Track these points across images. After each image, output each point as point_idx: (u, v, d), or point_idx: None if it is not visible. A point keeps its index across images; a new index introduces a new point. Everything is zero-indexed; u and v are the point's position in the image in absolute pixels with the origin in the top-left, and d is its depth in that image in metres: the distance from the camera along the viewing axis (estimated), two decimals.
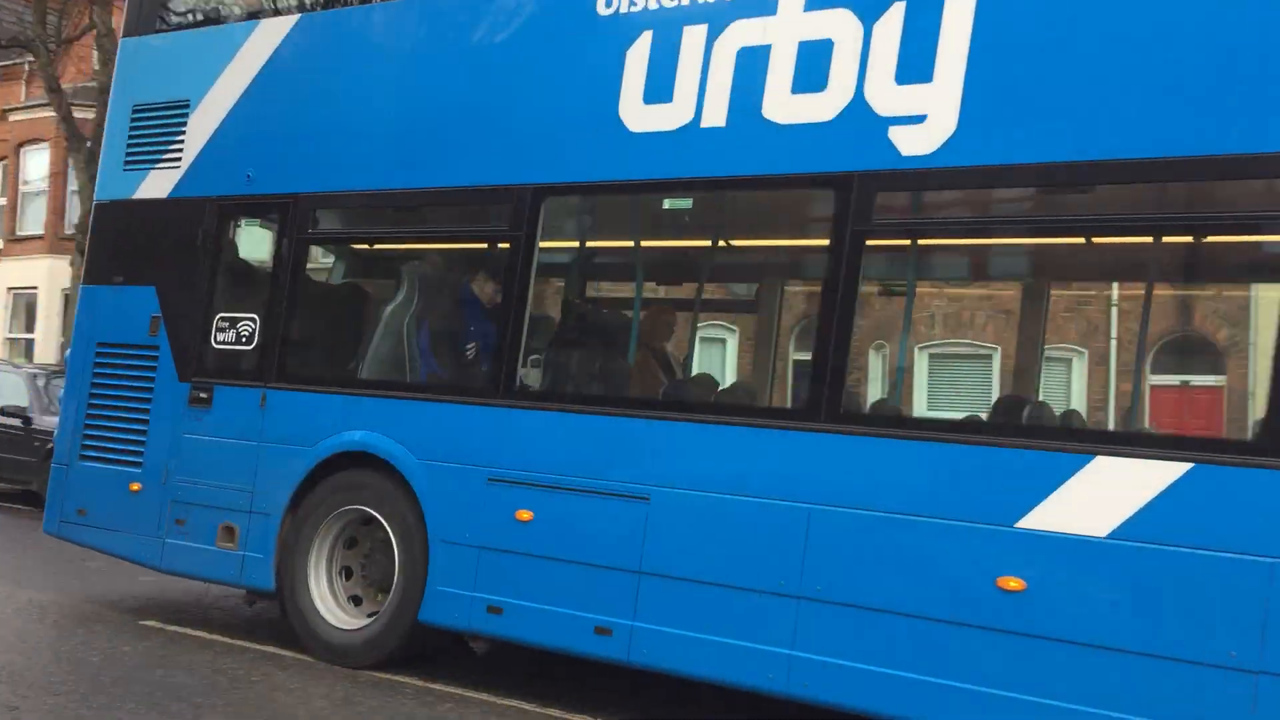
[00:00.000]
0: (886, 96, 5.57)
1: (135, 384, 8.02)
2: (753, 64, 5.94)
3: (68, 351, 8.63)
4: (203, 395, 7.67)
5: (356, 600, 7.21)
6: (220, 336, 7.68)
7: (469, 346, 7.03)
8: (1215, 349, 9.04)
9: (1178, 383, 9.22)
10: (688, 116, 6.10)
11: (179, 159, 8.02)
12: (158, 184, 8.11)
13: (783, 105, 5.83)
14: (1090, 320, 7.48)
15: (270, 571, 7.24)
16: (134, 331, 8.07)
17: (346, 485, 7.07)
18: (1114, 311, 7.71)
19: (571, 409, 6.39)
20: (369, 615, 6.98)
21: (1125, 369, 7.25)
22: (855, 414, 5.69)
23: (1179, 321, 8.31)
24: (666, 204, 6.30)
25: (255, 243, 7.97)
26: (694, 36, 6.13)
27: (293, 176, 7.49)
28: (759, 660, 5.63)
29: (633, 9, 6.33)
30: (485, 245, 7.21)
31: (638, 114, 6.25)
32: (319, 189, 7.39)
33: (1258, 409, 4.98)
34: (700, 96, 6.06)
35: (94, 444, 8.17)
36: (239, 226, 7.97)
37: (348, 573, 7.25)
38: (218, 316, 7.71)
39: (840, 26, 5.72)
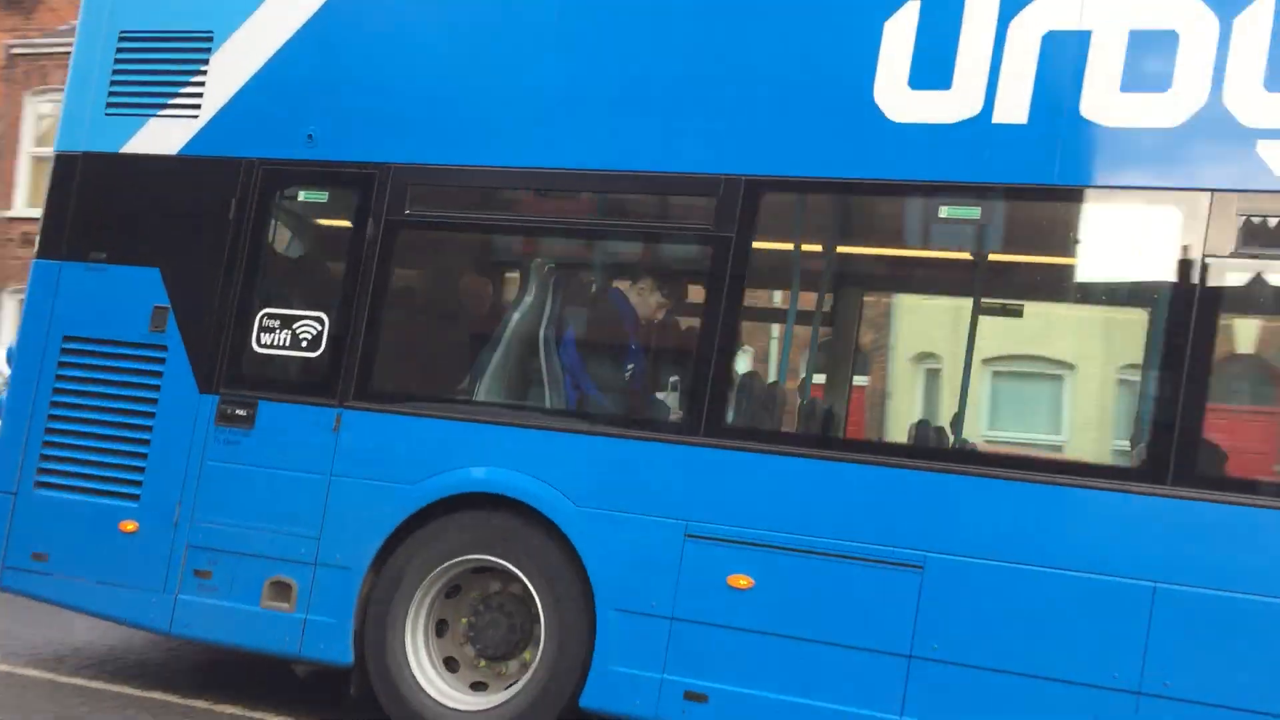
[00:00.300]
0: (1253, 105, 4.75)
1: (127, 393, 6.20)
2: (1065, 52, 4.99)
3: (11, 345, 6.64)
4: (240, 413, 5.98)
5: (453, 665, 5.79)
6: (267, 339, 6.01)
7: (630, 367, 5.74)
8: None
9: None
10: (973, 109, 5.08)
11: (197, 107, 6.25)
12: (162, 136, 6.30)
13: (1108, 104, 4.92)
14: None
15: (347, 639, 5.70)
16: (124, 325, 6.24)
17: (462, 532, 5.64)
18: None
19: (809, 454, 5.25)
20: (507, 687, 5.58)
21: None
22: (1208, 474, 4.84)
23: None
24: (944, 212, 5.26)
25: (317, 221, 6.31)
26: (980, 12, 5.12)
27: (381, 141, 5.92)
28: None
29: None
30: (661, 244, 5.88)
31: (901, 100, 5.18)
32: (421, 160, 5.85)
33: None
34: (992, 85, 5.06)
35: (59, 467, 6.28)
36: (294, 198, 6.27)
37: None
38: (263, 313, 6.02)
39: (1187, 17, 4.86)
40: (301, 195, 6.22)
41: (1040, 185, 5.02)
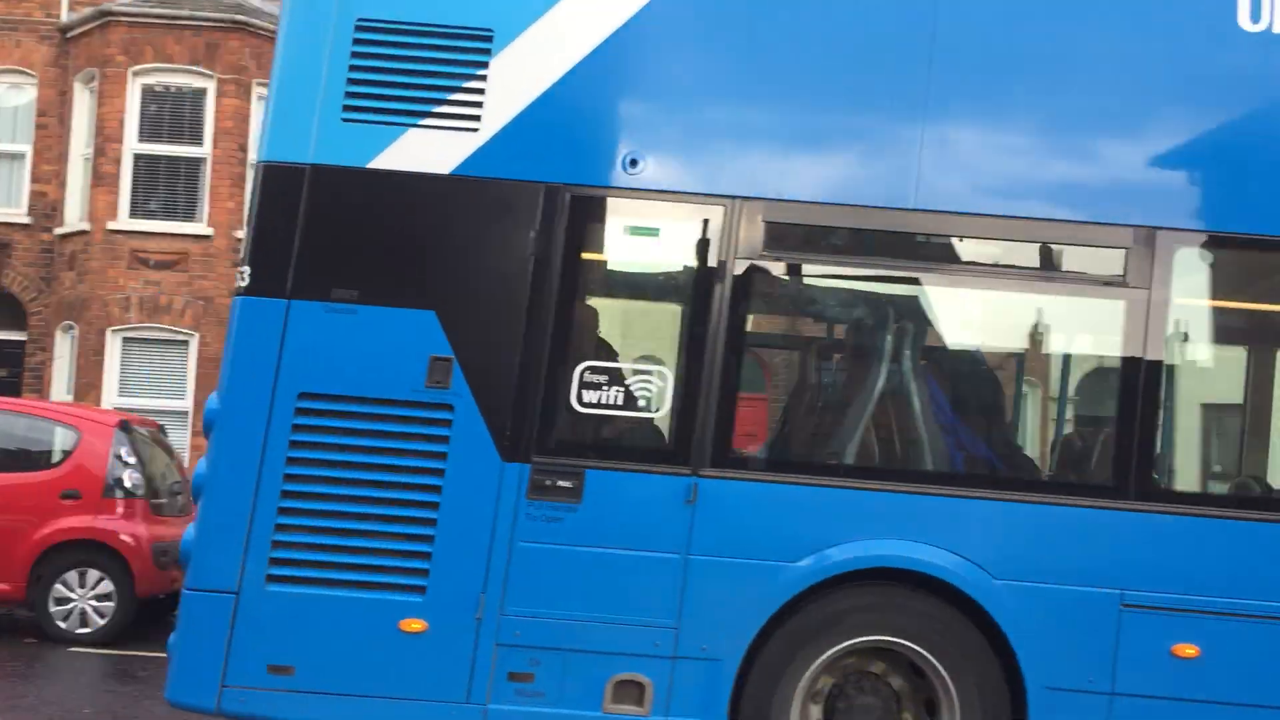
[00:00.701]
0: None
1: (400, 462, 5.09)
2: None
3: (212, 398, 5.26)
4: (562, 484, 5.06)
5: None
6: (591, 396, 5.11)
7: (1011, 425, 5.37)
8: None
9: None
10: None
11: (474, 118, 5.21)
12: (427, 151, 5.20)
13: None
14: None
15: None
16: (390, 379, 5.11)
17: (853, 612, 5.07)
18: None
19: (1246, 517, 5.12)
20: None
21: None
22: None
23: None
24: None
25: (647, 259, 5.41)
26: None
27: (729, 168, 5.19)
28: None
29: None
30: (1045, 295, 5.47)
31: None
32: (779, 194, 5.19)
33: None
34: None
35: (302, 556, 5.06)
36: (614, 231, 5.34)
37: None
38: (584, 366, 5.12)
39: None
40: (625, 229, 5.33)
41: None
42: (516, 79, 5.24)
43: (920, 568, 5.02)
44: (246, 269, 5.21)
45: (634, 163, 5.20)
